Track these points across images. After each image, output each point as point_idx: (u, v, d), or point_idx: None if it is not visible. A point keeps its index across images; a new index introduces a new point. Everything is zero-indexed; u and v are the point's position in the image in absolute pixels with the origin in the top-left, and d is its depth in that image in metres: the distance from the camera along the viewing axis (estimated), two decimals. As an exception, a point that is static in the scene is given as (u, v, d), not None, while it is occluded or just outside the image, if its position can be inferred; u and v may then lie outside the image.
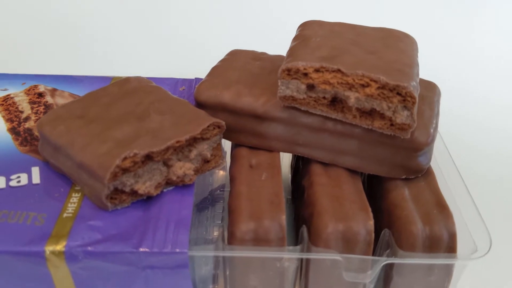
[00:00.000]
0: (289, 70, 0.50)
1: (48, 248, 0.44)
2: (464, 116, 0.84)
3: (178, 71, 0.69)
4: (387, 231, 0.50)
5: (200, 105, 0.56)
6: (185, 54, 0.91)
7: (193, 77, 0.68)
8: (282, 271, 0.49)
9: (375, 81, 0.47)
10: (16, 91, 0.63)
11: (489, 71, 0.99)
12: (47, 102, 0.61)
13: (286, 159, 0.71)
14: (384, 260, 0.47)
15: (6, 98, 0.62)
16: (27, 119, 0.59)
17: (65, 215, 0.47)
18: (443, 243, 0.48)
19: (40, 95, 0.62)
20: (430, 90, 0.57)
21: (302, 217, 0.53)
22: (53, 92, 0.63)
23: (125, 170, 0.46)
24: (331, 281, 0.50)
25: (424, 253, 0.47)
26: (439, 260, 0.48)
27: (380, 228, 0.51)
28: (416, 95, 0.47)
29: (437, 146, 0.58)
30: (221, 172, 0.72)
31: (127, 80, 0.57)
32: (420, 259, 0.47)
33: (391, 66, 0.49)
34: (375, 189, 0.56)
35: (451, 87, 0.69)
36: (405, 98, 0.47)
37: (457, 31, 1.08)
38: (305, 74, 0.49)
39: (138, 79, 0.57)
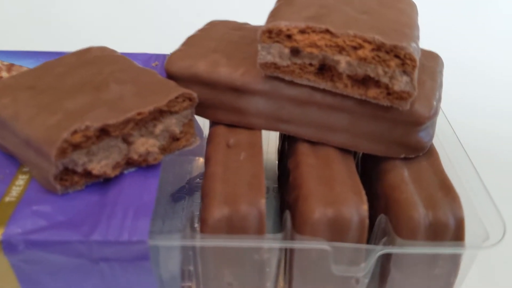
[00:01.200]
0: (270, 31, 0.43)
1: (-17, 237, 0.37)
2: (471, 95, 0.77)
3: (155, 48, 0.62)
4: (384, 216, 0.43)
5: (171, 77, 0.49)
6: (162, 29, 0.85)
7: (168, 53, 0.61)
8: (261, 264, 0.42)
9: (369, 42, 0.41)
10: (-31, 66, 0.56)
11: (499, 49, 0.92)
12: (2, 77, 0.55)
13: (272, 142, 0.64)
14: (379, 250, 0.40)
15: (-43, 73, 0.55)
16: (-24, 95, 0.52)
17: (7, 199, 0.40)
18: (449, 230, 0.41)
19: (-5, 70, 0.56)
20: (432, 60, 0.50)
21: (287, 203, 0.47)
22: (10, 67, 0.57)
23: (76, 146, 0.39)
24: (318, 276, 0.43)
25: (427, 242, 0.40)
26: (445, 249, 0.41)
27: (376, 215, 0.44)
28: (417, 57, 0.40)
29: (440, 124, 0.51)
30: (201, 159, 0.66)
31: (88, 49, 0.50)
32: (422, 247, 0.40)
33: (387, 25, 0.42)
34: (370, 171, 0.49)
35: (455, 61, 0.62)
36: (404, 62, 0.40)
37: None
38: (289, 36, 0.43)
39: (101, 48, 0.51)
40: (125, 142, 0.42)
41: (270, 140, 0.64)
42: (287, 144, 0.52)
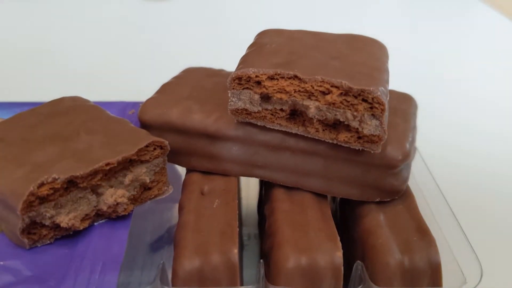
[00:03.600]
0: (239, 78, 0.43)
1: None
2: (445, 133, 0.77)
3: (131, 95, 0.62)
4: (360, 263, 0.42)
5: (145, 125, 0.49)
6: (140, 76, 0.85)
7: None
8: (235, 317, 0.41)
9: (337, 87, 0.41)
10: None
11: (471, 84, 0.93)
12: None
13: (253, 188, 0.64)
14: (355, 299, 0.39)
15: None
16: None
17: (-26, 255, 0.39)
18: (426, 275, 0.40)
19: (-30, 122, 0.55)
20: (404, 102, 0.51)
21: (262, 252, 0.46)
22: (-15, 118, 0.56)
23: (43, 199, 0.39)
24: (294, 327, 0.41)
25: (404, 288, 0.40)
26: (421, 296, 0.40)
27: (354, 260, 0.43)
28: (385, 101, 0.40)
29: (416, 164, 0.51)
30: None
31: (61, 99, 0.50)
32: (399, 295, 0.39)
33: (356, 69, 0.42)
34: (347, 216, 0.48)
35: (429, 101, 0.62)
36: (373, 105, 0.40)
37: (432, 42, 1.03)
38: (258, 83, 0.43)
39: (74, 98, 0.50)
40: (94, 193, 0.41)
41: (251, 185, 0.64)
42: (264, 190, 0.51)
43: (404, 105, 0.50)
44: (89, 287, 0.37)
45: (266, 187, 0.50)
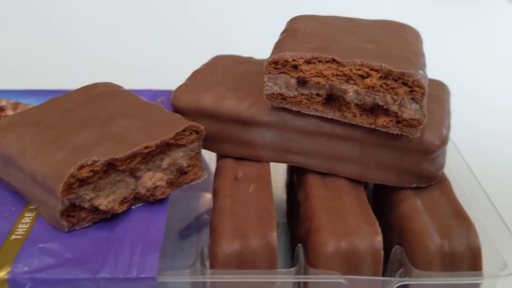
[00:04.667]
0: (276, 62, 0.43)
1: (-12, 276, 0.36)
2: (478, 121, 0.76)
3: (160, 84, 0.62)
4: (399, 248, 0.42)
5: (178, 111, 0.49)
6: (166, 65, 0.86)
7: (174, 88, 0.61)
8: (273, 300, 0.41)
9: (376, 70, 0.40)
10: (-26, 106, 0.56)
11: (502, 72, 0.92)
12: (7, 115, 0.54)
13: (280, 177, 0.64)
14: (396, 282, 0.39)
15: (-38, 113, 0.55)
16: (-18, 133, 0.51)
17: (13, 237, 0.40)
18: (466, 259, 0.40)
19: (1, 109, 0.56)
20: (438, 88, 0.50)
21: (298, 237, 0.45)
22: (16, 105, 0.56)
23: (82, 182, 0.39)
24: (333, 310, 0.41)
25: (444, 272, 0.39)
26: (464, 279, 0.39)
27: (389, 246, 0.43)
28: (425, 84, 0.40)
29: (449, 152, 0.51)
30: (208, 195, 0.65)
31: (94, 85, 0.50)
32: (440, 278, 0.39)
33: (394, 54, 0.42)
34: (382, 202, 0.48)
35: (461, 88, 0.62)
36: (413, 89, 0.40)
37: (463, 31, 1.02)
38: (295, 67, 0.43)
39: (106, 84, 0.50)
40: (132, 176, 0.41)
41: (278, 174, 0.63)
42: (296, 177, 0.51)
43: (438, 91, 0.49)
44: (130, 269, 0.37)
45: (298, 173, 0.50)
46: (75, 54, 0.93)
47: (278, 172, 0.63)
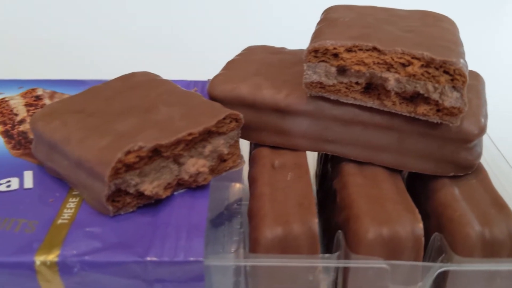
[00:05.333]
0: (316, 50, 0.43)
1: (39, 258, 0.37)
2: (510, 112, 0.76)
3: (189, 74, 0.63)
4: (438, 235, 0.42)
5: (214, 100, 0.50)
6: (195, 56, 0.86)
7: (206, 79, 0.61)
8: (316, 286, 0.41)
9: (418, 59, 0.41)
10: (12, 95, 0.57)
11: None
12: (44, 104, 0.55)
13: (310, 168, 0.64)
14: (438, 267, 0.40)
15: (1, 101, 0.56)
16: (22, 121, 0.52)
17: (59, 221, 0.40)
18: (506, 246, 0.40)
19: (38, 97, 0.56)
20: (473, 78, 0.50)
21: (334, 225, 0.46)
22: (52, 94, 0.57)
23: (129, 167, 0.39)
24: (373, 296, 0.42)
25: (485, 259, 0.40)
26: (505, 266, 0.40)
27: (426, 234, 0.43)
28: (467, 73, 0.40)
29: (484, 143, 0.51)
30: (237, 185, 0.65)
31: (133, 74, 0.51)
32: (483, 264, 0.39)
33: (433, 42, 0.42)
34: (418, 190, 0.48)
35: (493, 79, 0.62)
36: (454, 77, 0.40)
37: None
38: (335, 55, 0.43)
39: (144, 73, 0.51)
40: (175, 163, 0.42)
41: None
42: (331, 166, 0.52)
43: (473, 81, 0.50)
44: (177, 252, 0.38)
45: (333, 163, 0.50)
46: (108, 45, 0.95)
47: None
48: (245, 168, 0.59)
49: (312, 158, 0.64)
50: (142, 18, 1.01)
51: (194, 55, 0.90)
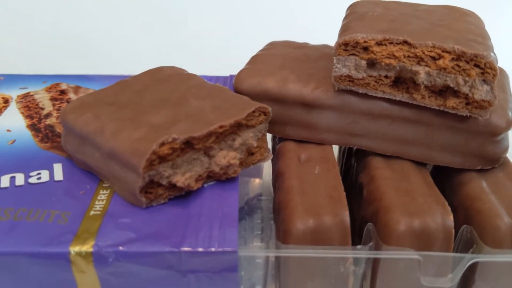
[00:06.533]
0: (346, 44, 0.43)
1: (74, 249, 0.37)
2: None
3: (210, 70, 0.63)
4: (468, 227, 0.42)
5: (240, 94, 0.50)
6: (215, 52, 0.87)
7: (228, 75, 0.62)
8: (346, 277, 0.42)
9: (449, 52, 0.41)
10: (37, 89, 0.57)
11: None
12: (70, 99, 0.56)
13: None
14: (470, 258, 0.40)
15: (26, 95, 0.56)
16: (48, 115, 0.53)
17: (92, 213, 0.41)
18: (536, 238, 0.40)
19: (63, 92, 0.57)
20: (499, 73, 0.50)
21: (361, 219, 0.46)
22: (77, 89, 0.58)
23: (162, 159, 0.40)
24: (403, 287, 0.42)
25: (517, 251, 0.40)
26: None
27: (454, 226, 0.44)
28: (497, 66, 0.40)
29: (510, 136, 0.51)
30: (257, 180, 0.65)
31: (160, 68, 0.51)
32: (513, 255, 0.40)
33: (462, 36, 0.43)
34: (443, 184, 0.48)
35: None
36: (485, 70, 0.40)
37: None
38: (365, 49, 0.43)
39: (172, 67, 0.52)
40: (206, 155, 0.42)
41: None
42: (355, 160, 0.52)
43: (499, 76, 0.50)
44: (211, 242, 0.38)
45: (358, 157, 0.51)
46: (128, 41, 0.96)
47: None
48: (265, 163, 0.60)
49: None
50: (162, 14, 1.01)
51: (215, 51, 0.91)
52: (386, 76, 0.44)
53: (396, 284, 0.42)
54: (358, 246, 0.40)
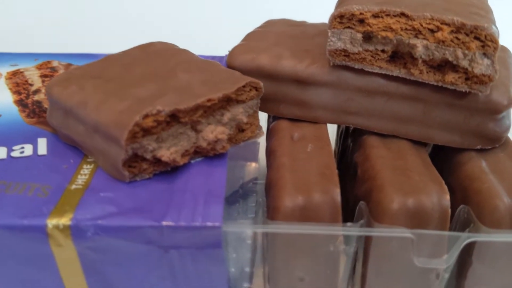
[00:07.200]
0: (342, 16, 0.42)
1: (51, 222, 0.36)
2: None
3: (207, 50, 0.62)
4: (465, 207, 0.41)
5: (233, 71, 0.48)
6: (212, 32, 0.85)
7: (224, 54, 0.60)
8: (335, 257, 0.40)
9: (448, 24, 0.39)
10: (27, 66, 0.56)
11: None
12: (62, 74, 0.54)
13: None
14: (466, 238, 0.38)
15: (16, 72, 0.55)
16: (37, 91, 0.51)
17: (73, 186, 0.39)
18: (536, 219, 0.38)
19: (53, 69, 0.56)
20: (501, 51, 0.48)
21: (355, 198, 0.44)
22: (68, 67, 0.56)
23: (146, 131, 0.38)
24: (396, 270, 0.40)
25: (515, 231, 0.38)
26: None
27: (451, 208, 0.42)
28: (498, 39, 0.38)
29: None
30: (253, 164, 0.64)
31: (151, 43, 0.50)
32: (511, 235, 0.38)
33: (463, 9, 0.41)
34: (441, 165, 0.46)
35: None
36: (485, 43, 0.39)
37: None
38: (361, 21, 0.42)
39: (162, 42, 0.50)
40: (193, 130, 0.41)
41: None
42: (351, 141, 0.50)
43: (502, 54, 0.48)
44: (195, 217, 0.36)
45: (354, 136, 0.49)
46: (123, 21, 0.95)
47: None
48: (261, 148, 0.58)
49: (331, 135, 0.63)
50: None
51: (212, 30, 0.89)
52: (383, 51, 0.42)
53: (389, 265, 0.40)
54: (349, 223, 0.39)
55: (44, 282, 0.39)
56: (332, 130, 0.62)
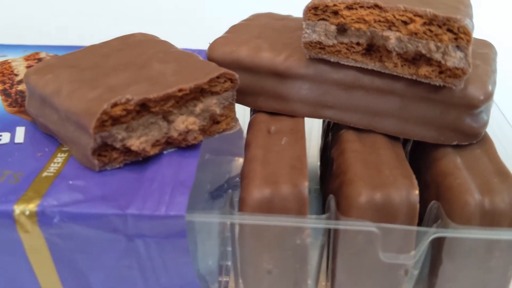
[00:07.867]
0: (315, 8, 0.41)
1: (18, 207, 0.37)
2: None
3: (192, 43, 0.61)
4: (436, 203, 0.40)
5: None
6: (199, 26, 0.85)
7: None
8: (304, 251, 0.40)
9: (420, 16, 0.39)
10: (15, 57, 0.57)
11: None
12: (45, 66, 0.55)
13: (314, 143, 0.62)
14: (432, 233, 0.37)
15: (3, 63, 0.56)
16: (20, 82, 0.52)
17: (45, 174, 0.40)
18: (507, 217, 0.38)
19: (40, 60, 0.56)
20: (484, 47, 0.48)
21: (329, 193, 0.44)
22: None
23: (115, 120, 0.38)
24: (364, 264, 0.40)
25: (483, 227, 0.37)
26: (505, 234, 0.37)
27: (425, 205, 0.41)
28: (472, 32, 0.38)
29: (492, 114, 0.48)
30: (240, 160, 0.64)
31: (132, 34, 0.50)
32: (479, 232, 0.37)
33: (439, 1, 0.40)
34: (418, 160, 0.46)
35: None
36: (458, 36, 0.38)
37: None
38: (335, 13, 0.41)
39: (143, 33, 0.50)
40: (165, 120, 0.41)
41: (312, 140, 0.62)
42: (331, 136, 0.50)
43: (484, 50, 0.47)
44: (159, 207, 0.37)
45: (333, 131, 0.49)
46: (112, 14, 0.96)
47: (312, 137, 0.62)
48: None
49: (317, 132, 0.62)
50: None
51: (198, 24, 0.89)
52: (357, 43, 0.42)
53: (357, 260, 0.40)
54: (313, 216, 0.38)
55: (14, 268, 0.40)
56: (318, 125, 0.62)
